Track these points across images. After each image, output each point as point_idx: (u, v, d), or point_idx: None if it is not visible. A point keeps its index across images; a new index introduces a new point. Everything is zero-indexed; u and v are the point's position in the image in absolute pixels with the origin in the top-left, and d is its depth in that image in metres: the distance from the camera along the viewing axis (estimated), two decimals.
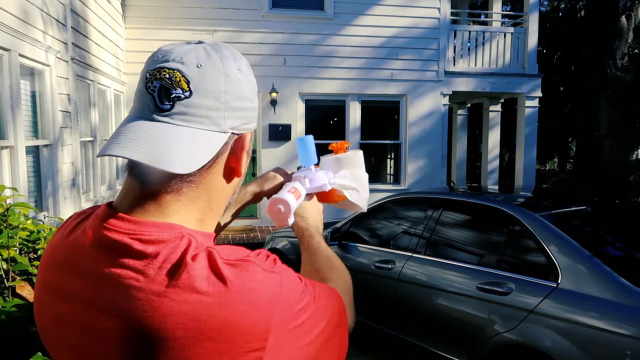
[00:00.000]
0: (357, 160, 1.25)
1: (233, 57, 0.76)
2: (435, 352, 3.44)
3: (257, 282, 0.65)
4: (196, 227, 0.73)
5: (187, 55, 0.71)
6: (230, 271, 0.64)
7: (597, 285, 2.68)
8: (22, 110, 4.43)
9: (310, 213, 1.15)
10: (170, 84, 0.69)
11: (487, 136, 11.31)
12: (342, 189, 1.20)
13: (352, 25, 9.03)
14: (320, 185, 1.15)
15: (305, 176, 1.14)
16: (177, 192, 0.71)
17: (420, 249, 3.80)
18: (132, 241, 0.66)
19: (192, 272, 0.63)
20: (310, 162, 1.17)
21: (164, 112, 0.69)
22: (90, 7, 6.43)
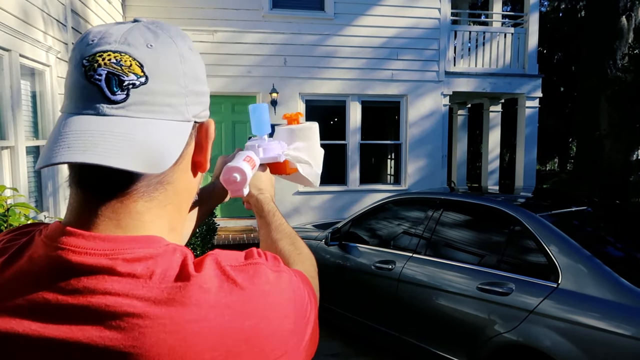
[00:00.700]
0: (312, 133, 1.21)
1: (181, 36, 0.64)
2: (436, 352, 3.44)
3: (272, 284, 0.61)
4: (169, 237, 0.62)
5: (131, 35, 0.59)
6: (242, 277, 0.58)
7: (597, 285, 2.68)
8: (22, 110, 4.43)
9: (266, 184, 1.09)
10: (120, 69, 0.57)
11: (487, 136, 11.30)
12: (295, 162, 1.15)
13: (353, 25, 9.03)
14: (274, 156, 1.11)
15: (259, 145, 1.09)
16: (147, 198, 0.60)
17: (420, 249, 3.80)
18: (113, 262, 0.55)
19: (204, 285, 0.55)
20: (263, 132, 1.12)
21: (118, 104, 0.57)
22: (91, 8, 6.43)
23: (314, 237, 4.90)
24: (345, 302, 4.33)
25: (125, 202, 0.59)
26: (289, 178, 1.22)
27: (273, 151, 1.11)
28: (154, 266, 0.56)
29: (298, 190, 8.93)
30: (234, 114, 8.93)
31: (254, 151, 1.08)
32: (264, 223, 1.02)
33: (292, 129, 1.19)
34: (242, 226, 8.77)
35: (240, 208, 9.29)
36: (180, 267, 0.57)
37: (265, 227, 1.01)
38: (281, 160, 1.12)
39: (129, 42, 0.58)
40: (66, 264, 0.55)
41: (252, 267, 0.61)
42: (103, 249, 0.55)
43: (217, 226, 6.17)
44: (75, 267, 0.55)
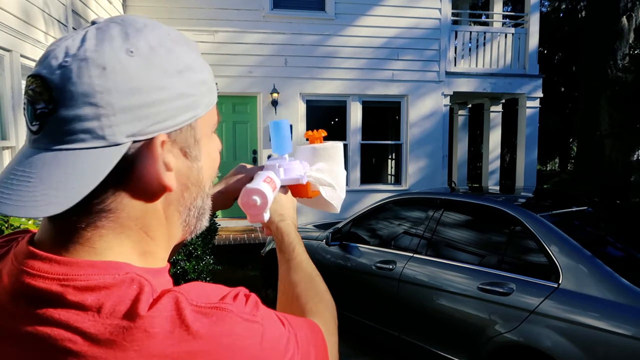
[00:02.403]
0: (336, 154, 1.11)
1: (124, 35, 0.54)
2: (436, 352, 3.44)
3: (235, 336, 0.51)
4: (140, 262, 0.56)
5: (53, 53, 0.53)
6: (200, 323, 0.50)
7: (598, 285, 2.68)
8: (23, 110, 4.44)
9: (287, 209, 0.99)
10: (33, 97, 0.52)
11: (488, 137, 11.30)
12: (317, 184, 1.06)
13: (353, 25, 9.04)
14: (297, 177, 1.01)
15: (280, 165, 1.00)
16: (93, 227, 0.54)
17: (421, 249, 3.80)
18: (64, 289, 0.50)
19: (150, 329, 0.48)
20: (284, 150, 1.03)
21: (36, 135, 0.52)
22: (92, 8, 6.43)
23: (315, 237, 4.90)
24: (345, 303, 4.33)
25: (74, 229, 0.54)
26: (309, 203, 1.12)
27: (295, 172, 1.02)
28: (106, 298, 0.50)
29: None
30: (235, 114, 8.94)
31: (275, 171, 0.99)
32: (283, 259, 0.91)
33: (315, 148, 1.10)
34: (242, 226, 8.77)
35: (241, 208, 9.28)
36: (132, 303, 0.50)
37: (284, 264, 0.90)
38: (304, 182, 1.02)
39: (46, 63, 0.52)
40: (22, 286, 0.51)
41: (218, 312, 0.52)
42: (57, 273, 0.51)
43: (218, 226, 6.17)
44: (29, 291, 0.51)
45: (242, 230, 8.50)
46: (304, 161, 1.07)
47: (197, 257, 4.10)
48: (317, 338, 0.66)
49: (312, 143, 1.12)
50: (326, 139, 1.12)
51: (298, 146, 1.12)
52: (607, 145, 11.57)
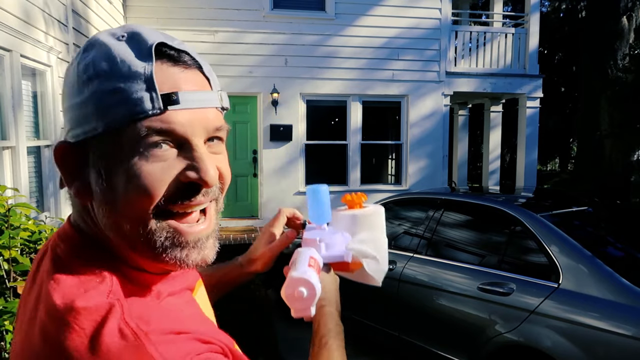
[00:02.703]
0: (378, 221, 0.99)
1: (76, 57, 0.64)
2: (437, 352, 3.44)
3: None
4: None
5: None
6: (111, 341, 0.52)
7: (598, 285, 2.68)
8: (23, 110, 4.44)
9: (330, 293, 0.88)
10: None
11: (488, 137, 11.30)
12: (361, 257, 0.93)
13: (353, 25, 9.03)
14: (340, 255, 0.90)
15: (321, 240, 0.89)
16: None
17: (421, 249, 3.80)
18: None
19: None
20: (323, 220, 0.93)
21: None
22: (92, 8, 6.43)
23: None
24: (345, 302, 4.33)
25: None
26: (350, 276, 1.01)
27: (338, 247, 0.91)
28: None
29: (299, 191, 8.94)
30: (235, 115, 8.94)
31: (316, 247, 0.89)
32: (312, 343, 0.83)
33: (356, 216, 0.97)
34: (243, 226, 8.77)
35: (241, 208, 9.32)
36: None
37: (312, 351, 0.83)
38: (349, 260, 0.91)
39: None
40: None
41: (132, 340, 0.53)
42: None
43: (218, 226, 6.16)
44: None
45: (242, 230, 8.50)
46: (344, 231, 0.96)
47: None
48: None
49: (351, 208, 1.00)
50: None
51: (336, 212, 1.00)
52: (607, 145, 11.56)
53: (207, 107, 0.63)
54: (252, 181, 9.04)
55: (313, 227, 0.94)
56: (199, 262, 0.63)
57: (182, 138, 0.60)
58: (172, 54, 0.61)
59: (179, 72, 0.61)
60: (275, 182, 8.89)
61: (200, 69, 0.65)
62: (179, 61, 0.62)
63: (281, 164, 8.89)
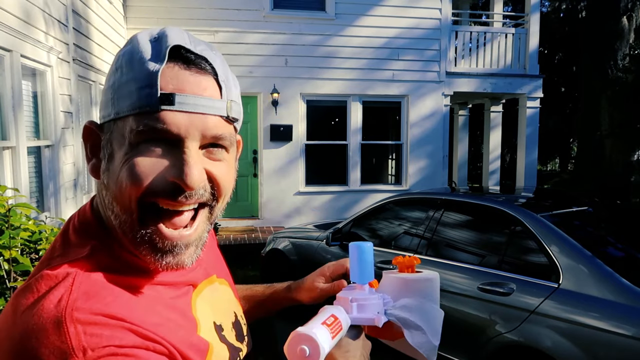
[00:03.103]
0: (432, 288, 0.92)
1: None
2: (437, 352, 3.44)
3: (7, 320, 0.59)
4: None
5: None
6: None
7: (598, 285, 2.68)
8: (23, 110, 4.44)
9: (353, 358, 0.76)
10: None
11: (488, 137, 11.30)
12: (401, 325, 0.84)
13: (354, 25, 9.03)
14: (371, 318, 0.81)
15: (354, 299, 0.82)
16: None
17: (421, 249, 3.80)
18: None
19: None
20: (364, 279, 0.86)
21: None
22: (92, 8, 6.44)
23: (315, 237, 4.90)
24: None
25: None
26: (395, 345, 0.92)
27: (371, 309, 0.82)
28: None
29: (299, 191, 8.94)
30: None
31: (346, 307, 0.81)
32: None
33: (404, 279, 0.89)
34: (243, 226, 8.77)
35: (242, 208, 9.32)
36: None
37: None
38: (380, 325, 0.82)
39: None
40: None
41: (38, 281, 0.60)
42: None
43: (219, 226, 6.17)
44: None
45: (242, 230, 8.50)
46: (387, 295, 0.88)
47: None
48: None
49: (401, 271, 0.93)
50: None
51: (385, 274, 0.92)
52: (607, 145, 11.56)
53: (207, 114, 0.64)
54: (252, 181, 9.04)
55: (353, 286, 0.88)
56: (173, 266, 0.65)
57: (176, 138, 0.62)
58: (188, 57, 0.64)
59: (188, 76, 0.63)
60: (275, 182, 8.89)
61: (215, 76, 0.66)
62: (193, 65, 0.64)
63: (281, 164, 8.89)
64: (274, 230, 8.26)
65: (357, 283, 0.86)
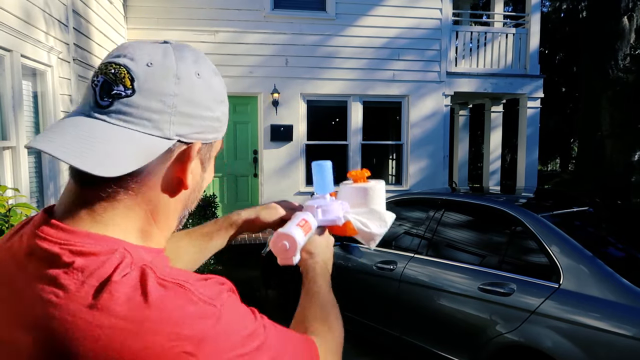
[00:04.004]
0: (378, 193, 1.13)
1: (194, 60, 0.69)
2: (437, 352, 3.44)
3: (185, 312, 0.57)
4: (139, 240, 0.66)
5: (140, 53, 0.66)
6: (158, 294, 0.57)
7: (599, 286, 2.67)
8: (24, 110, 4.44)
9: (320, 248, 1.03)
10: (114, 79, 0.63)
11: (489, 137, 11.30)
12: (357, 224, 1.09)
13: (354, 26, 9.03)
14: (333, 219, 1.05)
15: (319, 206, 1.04)
16: (113, 199, 0.64)
17: (422, 249, 3.80)
18: (62, 251, 0.59)
19: (115, 293, 0.56)
20: (325, 190, 1.07)
21: (102, 109, 0.63)
22: (92, 8, 6.43)
23: None
24: (346, 303, 4.32)
25: (91, 196, 0.64)
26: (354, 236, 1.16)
27: (333, 213, 1.05)
28: (90, 262, 0.58)
29: (299, 191, 8.94)
30: (235, 115, 8.94)
31: (313, 212, 1.03)
32: (304, 290, 0.96)
33: (357, 188, 1.13)
34: None
35: (241, 208, 9.28)
36: (112, 270, 0.58)
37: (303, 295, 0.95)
38: (340, 224, 1.06)
39: (133, 58, 0.65)
40: (33, 245, 0.62)
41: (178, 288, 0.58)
42: (59, 238, 0.61)
43: None
44: (37, 250, 0.61)
45: None
46: (345, 201, 1.10)
47: None
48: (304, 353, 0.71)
49: (355, 182, 1.15)
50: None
51: (341, 185, 1.15)
52: (608, 146, 11.55)
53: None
54: (253, 181, 9.04)
55: (317, 197, 1.08)
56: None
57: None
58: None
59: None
60: (275, 182, 8.89)
61: None
62: None
63: (282, 164, 8.89)
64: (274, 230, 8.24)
65: (320, 194, 1.07)
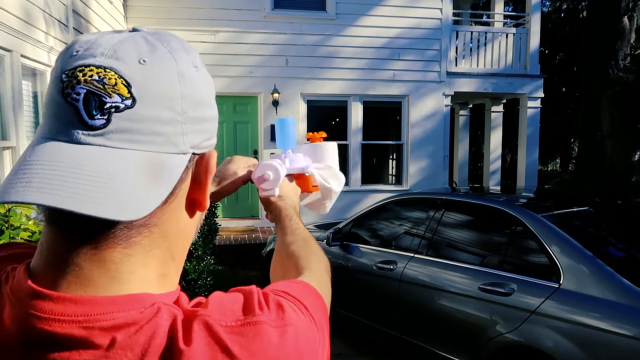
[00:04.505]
0: (333, 152, 1.20)
1: (185, 49, 0.54)
2: (437, 352, 3.44)
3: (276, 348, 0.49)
4: (157, 287, 0.53)
5: (122, 47, 0.50)
6: (238, 344, 0.48)
7: (599, 286, 2.67)
8: (23, 111, 4.44)
9: (289, 192, 1.05)
10: (103, 88, 0.47)
11: (489, 137, 11.30)
12: (319, 178, 1.14)
13: (354, 25, 9.03)
14: (302, 167, 1.09)
15: (286, 156, 1.09)
16: (125, 245, 0.49)
17: (422, 249, 3.80)
18: (89, 332, 0.45)
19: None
20: (288, 147, 1.10)
21: (96, 130, 0.47)
22: (92, 8, 6.44)
23: (316, 238, 4.89)
24: (346, 303, 4.33)
25: (100, 248, 0.48)
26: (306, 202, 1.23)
27: (300, 162, 1.09)
28: (137, 335, 0.46)
29: None
30: (236, 115, 8.94)
31: (281, 161, 1.06)
32: (279, 228, 0.96)
33: (315, 147, 1.18)
34: (243, 226, 8.77)
35: (242, 208, 9.31)
36: (168, 338, 0.46)
37: (281, 232, 0.95)
38: (307, 173, 1.10)
39: (117, 56, 0.49)
40: (35, 332, 0.45)
41: (252, 328, 0.49)
42: (76, 315, 0.46)
43: (219, 227, 6.17)
44: (45, 338, 0.45)
45: (242, 231, 8.50)
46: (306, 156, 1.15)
47: (198, 257, 4.09)
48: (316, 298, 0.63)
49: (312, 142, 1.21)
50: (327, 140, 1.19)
51: (299, 145, 1.17)
52: (608, 146, 11.55)
53: None
54: None
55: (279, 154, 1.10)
56: None
57: None
58: None
59: None
60: None
61: None
62: None
63: None
64: (274, 230, 8.25)
65: (283, 150, 1.10)
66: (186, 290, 3.87)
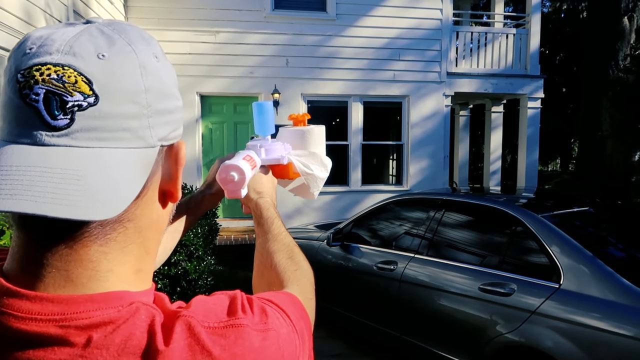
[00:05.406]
0: (319, 137, 1.14)
1: (144, 40, 0.53)
2: (438, 352, 3.44)
3: (257, 351, 0.50)
4: (135, 283, 0.52)
5: (78, 42, 0.48)
6: (220, 346, 0.48)
7: (599, 286, 2.67)
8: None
9: (267, 188, 1.00)
10: (63, 87, 0.46)
11: (489, 137, 11.30)
12: (299, 165, 1.08)
13: (355, 26, 9.03)
14: (277, 158, 1.04)
15: (262, 146, 1.03)
16: (101, 243, 0.49)
17: (422, 249, 3.80)
18: (65, 330, 0.44)
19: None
20: (266, 132, 1.05)
21: (60, 131, 0.46)
22: (93, 9, 6.44)
23: (316, 238, 4.90)
24: (347, 303, 4.33)
25: (75, 247, 0.48)
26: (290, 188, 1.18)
27: (276, 152, 1.04)
28: (114, 334, 0.45)
29: None
30: (236, 115, 8.94)
31: (256, 151, 1.01)
32: (261, 231, 0.91)
33: (297, 131, 1.12)
34: (244, 227, 8.77)
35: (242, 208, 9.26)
36: (148, 338, 0.46)
37: (262, 236, 0.90)
38: (284, 163, 1.05)
39: (74, 52, 0.47)
40: (9, 332, 0.45)
41: (234, 330, 0.49)
42: (52, 314, 0.45)
43: (219, 227, 6.17)
44: (19, 337, 0.44)
45: (243, 231, 8.50)
46: (286, 143, 1.10)
47: (198, 257, 4.10)
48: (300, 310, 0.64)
49: (295, 125, 1.15)
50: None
51: (282, 128, 1.15)
52: (608, 146, 11.55)
53: None
54: None
55: (259, 138, 1.06)
56: None
57: None
58: None
59: None
60: None
61: None
62: None
63: None
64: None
65: (261, 135, 1.05)
66: (186, 290, 3.88)
